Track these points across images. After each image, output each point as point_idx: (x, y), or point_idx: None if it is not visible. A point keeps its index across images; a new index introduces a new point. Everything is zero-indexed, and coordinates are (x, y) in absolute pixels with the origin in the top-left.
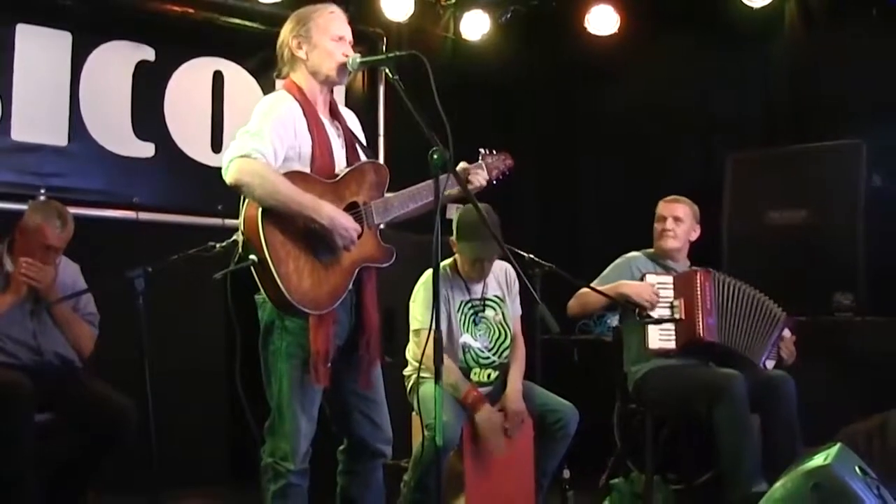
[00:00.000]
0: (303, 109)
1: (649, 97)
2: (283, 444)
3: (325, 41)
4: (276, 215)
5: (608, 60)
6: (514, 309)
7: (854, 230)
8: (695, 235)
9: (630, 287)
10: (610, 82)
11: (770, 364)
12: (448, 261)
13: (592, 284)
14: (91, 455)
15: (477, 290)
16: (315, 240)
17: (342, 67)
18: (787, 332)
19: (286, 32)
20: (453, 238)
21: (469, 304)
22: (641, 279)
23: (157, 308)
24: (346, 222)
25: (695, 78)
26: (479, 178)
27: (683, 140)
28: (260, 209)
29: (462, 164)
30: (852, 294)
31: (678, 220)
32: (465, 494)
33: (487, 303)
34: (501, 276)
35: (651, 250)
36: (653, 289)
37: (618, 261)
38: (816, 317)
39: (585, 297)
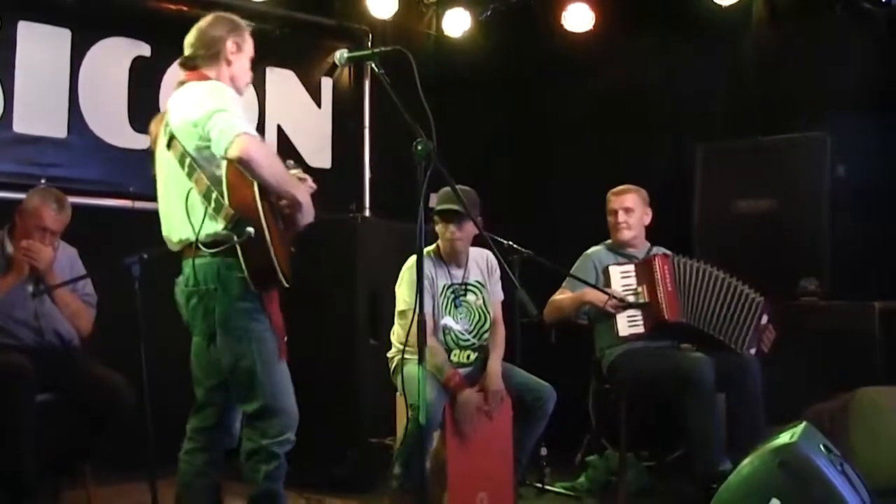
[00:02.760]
0: None
1: (623, 91)
2: (277, 424)
3: (247, 59)
4: (264, 191)
5: (583, 56)
6: (495, 294)
7: (819, 218)
8: (647, 219)
9: (591, 296)
10: (585, 77)
11: (752, 352)
12: (431, 246)
13: (563, 286)
14: (88, 433)
15: (458, 274)
16: (277, 216)
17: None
18: (764, 318)
19: (224, 30)
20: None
21: (451, 288)
22: (604, 272)
23: (153, 293)
24: (310, 202)
25: (666, 72)
26: None
27: (655, 131)
28: (257, 184)
29: None
30: (817, 279)
31: (629, 211)
32: (448, 474)
33: (469, 287)
34: (483, 263)
35: (609, 242)
36: (615, 291)
37: (580, 260)
38: (783, 301)
39: (558, 303)
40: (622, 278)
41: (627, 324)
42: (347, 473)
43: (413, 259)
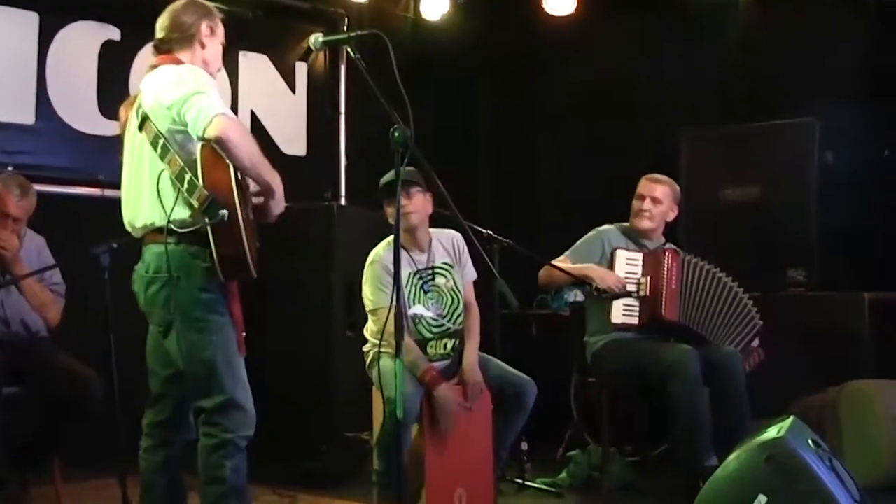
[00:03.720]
0: None
1: (606, 75)
2: (240, 419)
3: (219, 44)
4: (237, 174)
5: (565, 40)
6: (466, 275)
7: (807, 207)
8: (672, 216)
9: (595, 272)
10: (567, 61)
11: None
12: (389, 237)
13: (566, 254)
14: (55, 425)
15: (422, 259)
16: (248, 204)
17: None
18: (756, 342)
19: (198, 14)
20: (384, 206)
21: (417, 275)
22: (612, 253)
23: (123, 283)
24: (283, 191)
25: (651, 56)
26: None
27: (639, 117)
28: (232, 168)
29: None
30: (805, 269)
31: (656, 202)
32: (425, 470)
33: (436, 271)
34: (448, 244)
35: (626, 225)
36: (620, 278)
37: (590, 234)
38: (770, 292)
39: (556, 270)
40: (627, 265)
41: (623, 312)
42: (321, 468)
43: (373, 256)
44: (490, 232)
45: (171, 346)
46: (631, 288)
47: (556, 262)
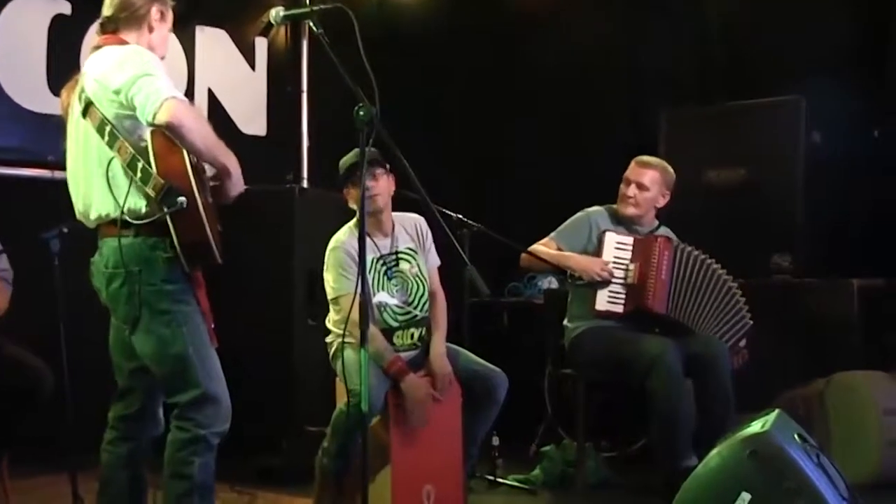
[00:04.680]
0: None
1: (582, 52)
2: (215, 413)
3: (167, 30)
4: (191, 157)
5: (539, 17)
6: (430, 260)
7: (793, 189)
8: (662, 202)
9: (577, 263)
10: (541, 38)
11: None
12: (352, 221)
13: (550, 236)
14: (2, 419)
15: (386, 244)
16: (205, 187)
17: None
18: (743, 341)
19: None
20: (344, 190)
21: (381, 261)
22: (601, 236)
23: (73, 269)
24: (240, 172)
25: (628, 32)
26: None
27: (616, 96)
28: (186, 152)
29: None
30: (790, 255)
31: (642, 188)
32: (391, 465)
33: (400, 256)
34: (412, 229)
35: (615, 207)
36: (604, 267)
37: (578, 215)
38: (754, 279)
39: (537, 255)
40: (616, 249)
41: (607, 299)
42: (282, 464)
43: (335, 242)
44: (460, 216)
45: (139, 342)
46: (619, 273)
47: (539, 245)
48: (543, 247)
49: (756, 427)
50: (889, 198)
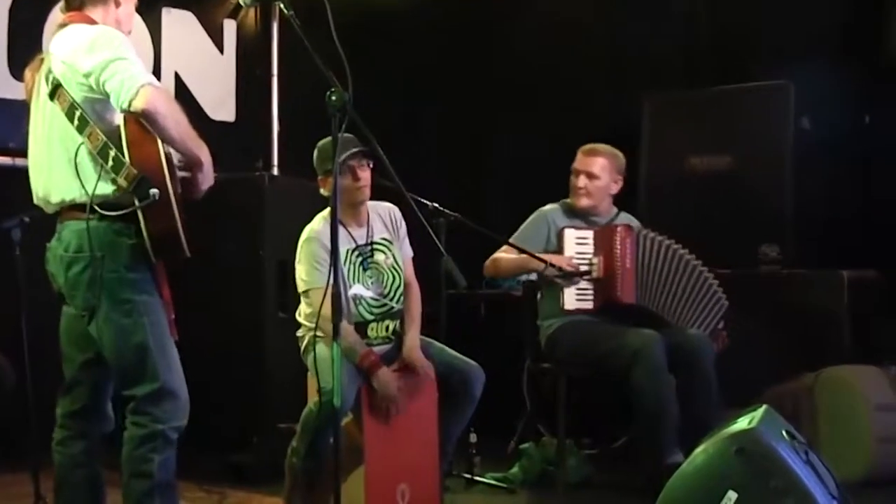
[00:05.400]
0: None
1: (561, 35)
2: (173, 408)
3: (133, 4)
4: (166, 148)
5: None
6: (404, 251)
7: (781, 177)
8: (616, 188)
9: (538, 264)
10: (520, 20)
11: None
12: (326, 210)
13: (511, 241)
14: None
15: (361, 235)
16: (176, 178)
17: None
18: (721, 323)
19: None
20: (321, 177)
21: (356, 252)
22: (559, 234)
23: (36, 260)
24: (212, 164)
25: (610, 13)
26: None
27: (597, 80)
28: (160, 141)
29: None
30: (779, 246)
31: (592, 177)
32: (364, 463)
33: (375, 247)
34: (386, 218)
35: (570, 201)
36: (569, 262)
37: (533, 216)
38: (740, 270)
39: (500, 262)
40: (577, 244)
41: (575, 297)
42: (252, 462)
43: (308, 232)
44: (436, 205)
45: (97, 331)
46: (583, 269)
47: (500, 254)
48: (505, 254)
49: (743, 423)
50: (881, 185)
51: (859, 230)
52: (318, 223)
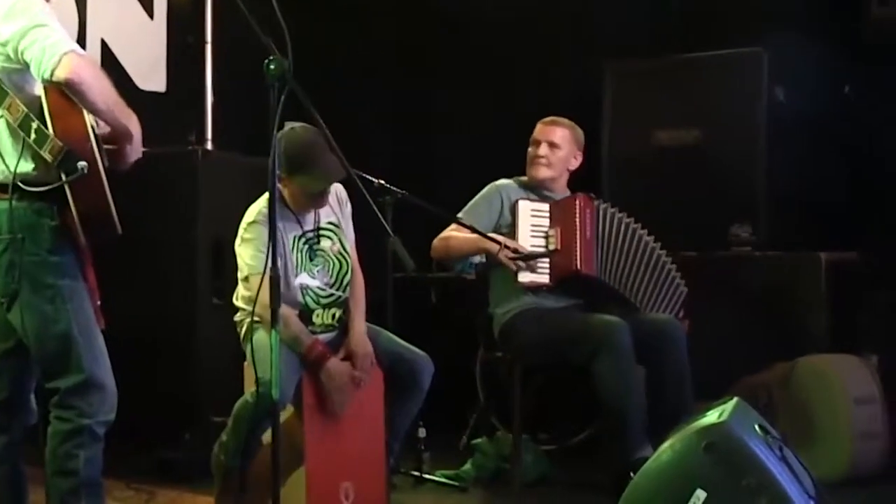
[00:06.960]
0: None
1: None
2: (100, 401)
3: None
4: (92, 119)
5: None
6: (348, 233)
7: (754, 152)
8: (575, 164)
9: (492, 244)
10: None
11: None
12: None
13: (460, 215)
14: None
15: (309, 220)
16: (102, 151)
17: None
18: (682, 311)
19: None
20: (280, 173)
21: (303, 239)
22: (513, 207)
23: None
24: (140, 136)
25: None
26: None
27: (556, 47)
28: (86, 112)
29: None
30: (751, 226)
31: (554, 147)
32: (305, 460)
33: (322, 233)
34: (332, 197)
35: (524, 178)
36: (519, 247)
37: (485, 190)
38: (710, 251)
39: (450, 241)
40: (532, 216)
41: (531, 270)
42: (183, 458)
43: (253, 214)
44: (382, 181)
45: (17, 319)
46: (538, 243)
47: (449, 232)
48: (456, 232)
49: (712, 417)
50: (861, 161)
51: (838, 209)
52: (265, 205)
